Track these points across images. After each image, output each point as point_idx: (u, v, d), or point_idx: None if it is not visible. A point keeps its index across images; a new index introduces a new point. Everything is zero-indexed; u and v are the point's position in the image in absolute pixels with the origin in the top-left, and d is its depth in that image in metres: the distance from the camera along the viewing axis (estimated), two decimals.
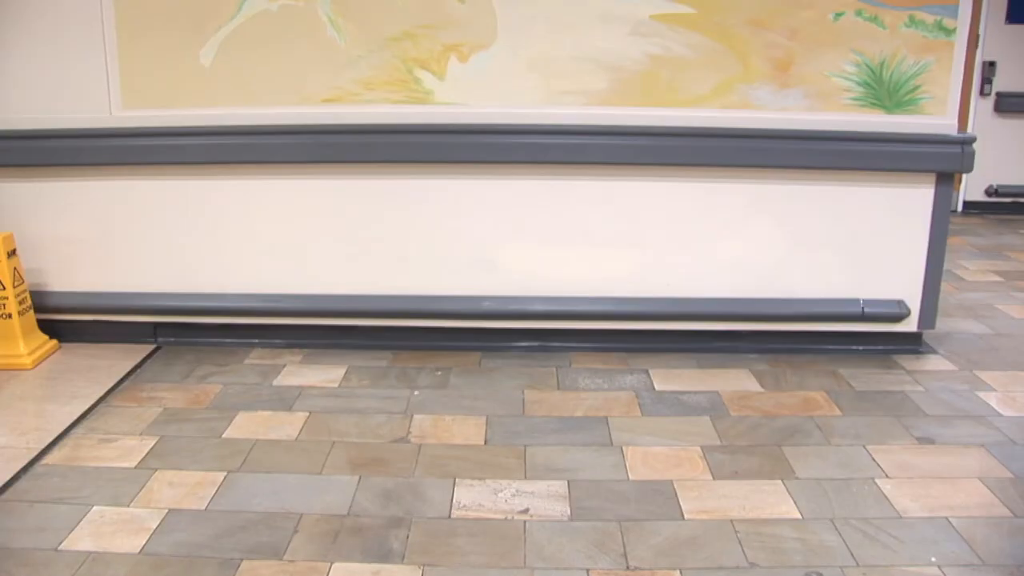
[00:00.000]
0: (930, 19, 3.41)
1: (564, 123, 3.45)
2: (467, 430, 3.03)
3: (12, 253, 3.52)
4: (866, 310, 3.64)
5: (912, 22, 3.42)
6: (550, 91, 3.45)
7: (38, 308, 3.70)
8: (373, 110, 3.46)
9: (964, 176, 6.32)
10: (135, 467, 2.76)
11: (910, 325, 3.70)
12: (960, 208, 6.69)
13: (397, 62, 3.43)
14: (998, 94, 6.37)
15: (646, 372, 3.54)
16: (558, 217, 3.59)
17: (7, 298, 3.49)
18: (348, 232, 3.63)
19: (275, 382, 3.44)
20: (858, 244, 3.62)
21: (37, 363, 3.58)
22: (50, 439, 2.93)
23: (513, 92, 3.45)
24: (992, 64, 6.33)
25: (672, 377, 3.50)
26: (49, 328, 3.75)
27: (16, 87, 3.55)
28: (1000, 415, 3.18)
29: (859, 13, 3.41)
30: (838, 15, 3.41)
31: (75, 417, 3.10)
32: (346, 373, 3.53)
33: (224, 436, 2.98)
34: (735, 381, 3.47)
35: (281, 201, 3.61)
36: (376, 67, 3.44)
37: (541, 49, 3.41)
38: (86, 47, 3.49)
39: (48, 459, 2.82)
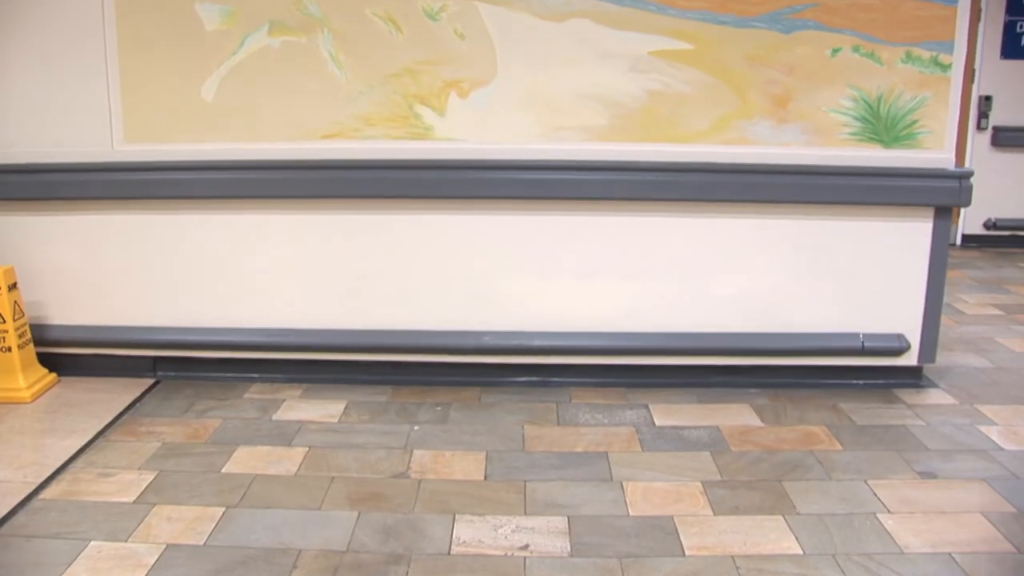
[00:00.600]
0: (926, 55, 3.45)
1: (564, 159, 3.47)
2: (467, 465, 3.02)
3: (13, 287, 3.53)
4: (866, 344, 3.64)
5: (909, 58, 3.45)
6: (550, 127, 3.48)
7: (38, 341, 3.69)
8: (373, 146, 3.49)
9: (962, 210, 6.37)
10: (133, 502, 2.74)
11: (910, 359, 3.70)
12: (959, 241, 6.72)
13: (398, 98, 3.46)
14: (995, 128, 6.44)
15: (646, 407, 3.53)
16: (558, 252, 3.61)
17: (7, 331, 3.49)
18: (349, 267, 3.65)
19: (275, 417, 3.43)
20: (857, 278, 3.62)
21: (36, 396, 3.58)
22: (48, 473, 2.92)
23: (513, 128, 3.48)
24: (988, 98, 6.40)
25: (672, 412, 3.49)
26: (48, 361, 3.74)
27: (18, 121, 3.59)
28: (1002, 449, 3.16)
29: (856, 49, 3.45)
30: (835, 51, 3.45)
31: (73, 451, 3.09)
32: (346, 408, 3.52)
33: (223, 471, 2.96)
34: (735, 416, 3.45)
35: (281, 236, 3.63)
36: (377, 103, 3.47)
37: (541, 85, 3.45)
38: (89, 81, 3.53)
39: (46, 493, 2.80)
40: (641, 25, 3.40)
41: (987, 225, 6.63)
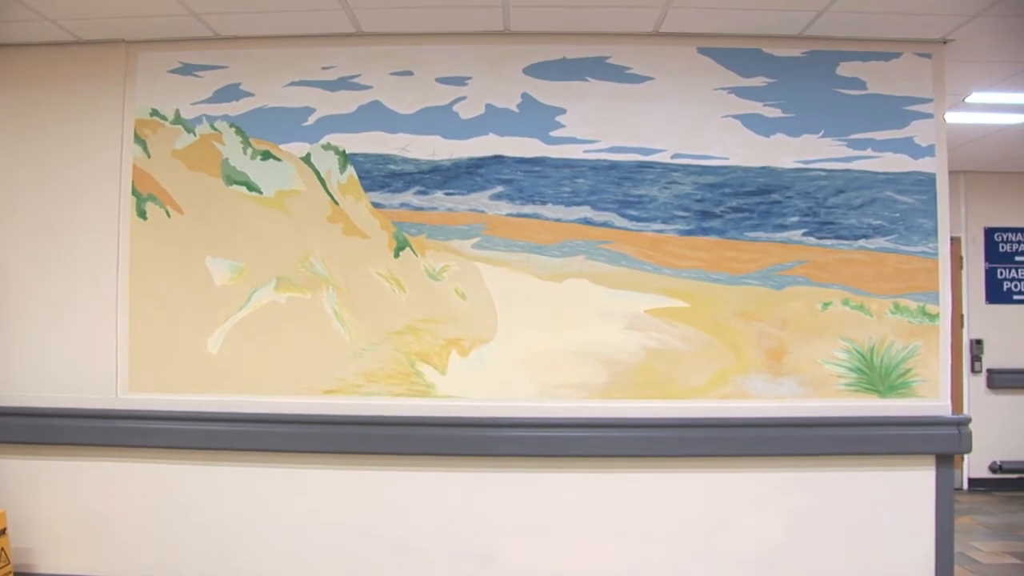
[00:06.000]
0: (914, 305, 3.55)
1: (563, 416, 3.51)
2: None
3: (2, 532, 3.46)
4: None
5: (897, 309, 3.55)
6: (549, 385, 3.54)
7: None
8: (375, 402, 3.54)
9: (966, 454, 6.29)
10: None
11: None
12: (966, 486, 6.52)
13: (399, 355, 3.54)
14: (989, 371, 6.53)
15: None
16: (558, 510, 3.57)
17: None
18: (346, 523, 3.59)
19: None
20: (863, 530, 3.56)
21: None
22: None
23: (513, 386, 3.53)
24: (979, 342, 6.54)
25: None
26: None
27: (24, 364, 3.67)
28: None
29: (846, 302, 3.55)
30: (826, 305, 3.55)
31: None
32: None
33: None
34: None
35: (279, 490, 3.60)
36: (379, 360, 3.54)
37: (540, 344, 3.54)
38: (97, 329, 3.64)
39: None
40: (637, 285, 3.53)
41: (993, 468, 6.51)
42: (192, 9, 3.37)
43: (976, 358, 6.50)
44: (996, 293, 6.54)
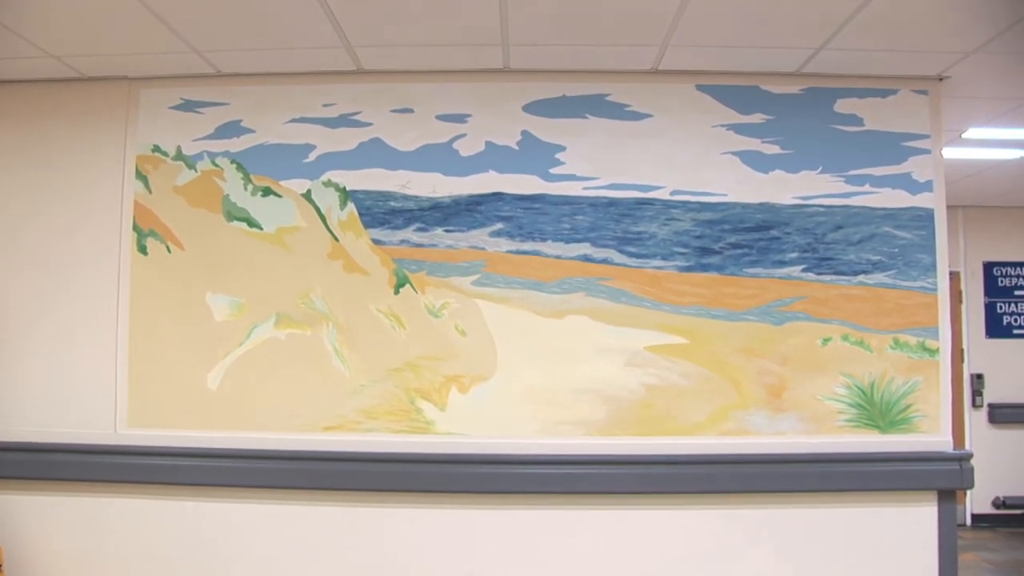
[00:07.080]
0: (914, 341, 3.55)
1: (563, 453, 3.49)
2: None
3: None
4: None
5: (897, 344, 3.55)
6: (549, 422, 3.53)
7: None
8: (374, 439, 3.52)
9: (969, 490, 6.25)
10: None
11: None
12: (969, 522, 6.55)
13: (399, 392, 3.53)
14: (990, 405, 6.52)
15: None
16: (559, 548, 3.54)
17: None
18: (345, 560, 3.57)
19: None
20: (865, 567, 3.54)
21: None
22: None
23: (512, 423, 3.52)
24: (980, 376, 6.54)
25: None
26: None
27: (24, 399, 3.65)
28: None
29: (845, 338, 3.55)
30: (826, 340, 3.55)
31: None
32: None
33: None
34: None
35: (278, 527, 3.58)
36: (378, 396, 3.54)
37: (540, 381, 3.53)
38: (97, 364, 3.63)
39: None
40: (637, 321, 3.53)
41: (996, 504, 6.48)
42: (195, 46, 3.39)
43: (977, 393, 6.50)
44: (996, 327, 6.57)
